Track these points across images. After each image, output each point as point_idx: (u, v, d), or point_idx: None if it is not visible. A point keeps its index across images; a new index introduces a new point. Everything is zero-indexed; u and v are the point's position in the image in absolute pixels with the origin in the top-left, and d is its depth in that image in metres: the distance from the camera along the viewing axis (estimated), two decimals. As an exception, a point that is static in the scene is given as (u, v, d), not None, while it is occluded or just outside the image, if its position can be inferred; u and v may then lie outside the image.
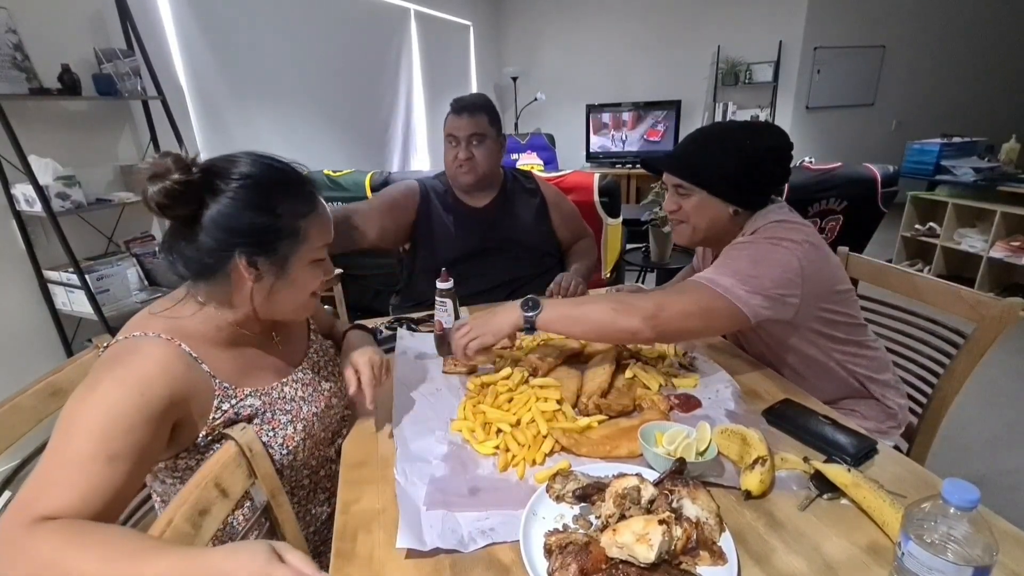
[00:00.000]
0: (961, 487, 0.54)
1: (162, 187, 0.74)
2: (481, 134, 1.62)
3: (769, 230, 1.08)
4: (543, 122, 6.28)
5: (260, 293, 0.84)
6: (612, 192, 2.75)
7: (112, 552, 0.59)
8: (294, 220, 0.82)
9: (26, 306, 2.18)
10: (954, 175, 3.66)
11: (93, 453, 0.67)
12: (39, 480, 0.66)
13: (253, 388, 0.88)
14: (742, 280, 1.01)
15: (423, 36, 4.85)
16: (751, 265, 1.03)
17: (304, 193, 0.85)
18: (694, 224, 1.18)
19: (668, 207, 1.22)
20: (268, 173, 0.83)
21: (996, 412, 2.39)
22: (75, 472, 0.66)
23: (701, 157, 1.15)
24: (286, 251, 0.83)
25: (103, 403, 0.70)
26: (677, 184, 1.17)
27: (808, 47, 5.38)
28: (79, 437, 0.68)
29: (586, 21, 6.03)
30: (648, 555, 0.61)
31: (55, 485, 0.65)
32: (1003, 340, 1.16)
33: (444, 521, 0.75)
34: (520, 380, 1.10)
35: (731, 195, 1.13)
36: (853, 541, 0.71)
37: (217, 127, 3.00)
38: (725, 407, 1.01)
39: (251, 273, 0.82)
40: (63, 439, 0.68)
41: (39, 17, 2.11)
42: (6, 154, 1.96)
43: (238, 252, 0.80)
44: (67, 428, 0.69)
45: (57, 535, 0.60)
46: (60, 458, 0.67)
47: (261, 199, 0.80)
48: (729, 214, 1.15)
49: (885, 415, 1.22)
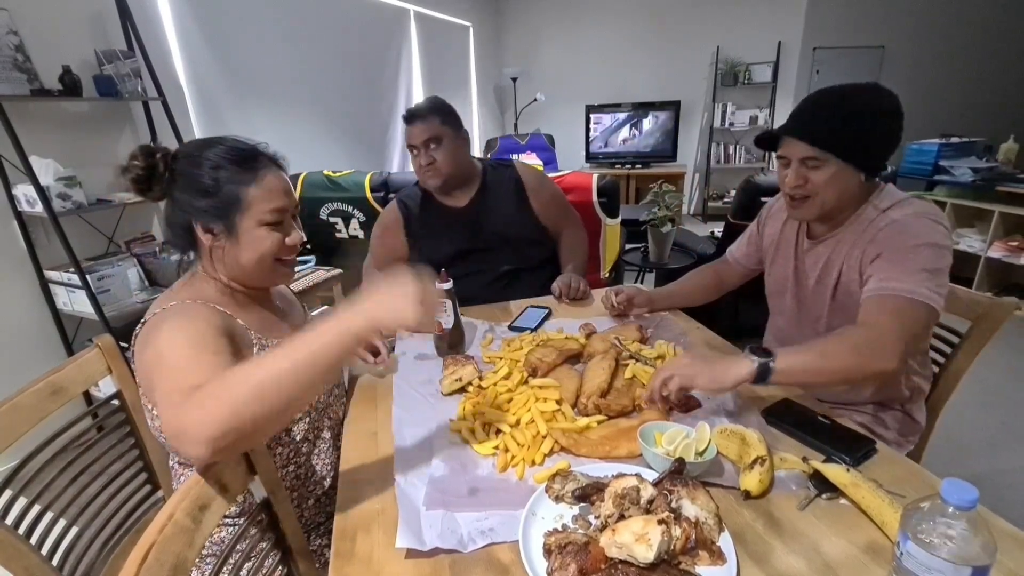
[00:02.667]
0: (960, 487, 0.54)
1: (130, 176, 0.90)
2: (436, 136, 1.63)
3: (916, 207, 1.04)
4: (543, 123, 6.28)
5: (218, 255, 0.95)
6: (611, 192, 2.75)
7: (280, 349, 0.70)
8: (235, 188, 0.92)
9: (27, 306, 2.18)
10: (952, 175, 3.66)
11: (199, 355, 0.76)
12: (172, 382, 0.72)
13: (277, 339, 0.99)
14: (929, 278, 0.97)
15: (423, 37, 4.85)
16: (934, 259, 0.98)
17: (246, 164, 0.94)
18: (823, 198, 1.09)
19: (791, 182, 1.11)
20: (217, 151, 0.93)
21: (995, 412, 2.39)
22: (200, 367, 0.74)
23: (835, 124, 1.05)
24: (233, 216, 0.92)
25: (184, 332, 0.80)
26: (806, 156, 1.07)
27: (807, 47, 5.37)
28: (178, 352, 0.76)
29: (586, 22, 6.03)
30: (647, 555, 0.61)
31: (192, 373, 0.72)
32: (1001, 339, 1.17)
33: (443, 521, 0.76)
34: (519, 380, 1.10)
35: (863, 160, 1.06)
36: (852, 541, 0.71)
37: (218, 128, 3.00)
38: (724, 407, 1.01)
39: (208, 239, 0.93)
40: (167, 362, 0.75)
41: (40, 18, 2.11)
42: (7, 155, 1.96)
43: (195, 220, 0.92)
44: (162, 359, 0.76)
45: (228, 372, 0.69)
46: (178, 367, 0.74)
47: (205, 172, 0.91)
48: (859, 182, 1.08)
49: (909, 428, 1.22)
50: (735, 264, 1.48)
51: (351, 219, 3.20)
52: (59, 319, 2.26)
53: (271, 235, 0.95)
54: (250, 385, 0.66)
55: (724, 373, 0.92)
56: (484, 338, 1.38)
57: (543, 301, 1.63)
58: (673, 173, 5.57)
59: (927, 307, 0.96)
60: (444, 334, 1.27)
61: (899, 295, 0.97)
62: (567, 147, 6.27)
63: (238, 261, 0.94)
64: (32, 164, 1.90)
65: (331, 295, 3.00)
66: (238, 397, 0.65)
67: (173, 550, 0.63)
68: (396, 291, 0.73)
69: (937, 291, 0.97)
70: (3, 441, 0.88)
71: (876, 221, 1.08)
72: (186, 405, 0.67)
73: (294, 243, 0.98)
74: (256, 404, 0.66)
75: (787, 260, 1.28)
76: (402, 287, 0.73)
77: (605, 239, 2.83)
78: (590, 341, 1.28)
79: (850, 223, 1.13)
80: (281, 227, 0.96)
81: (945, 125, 4.84)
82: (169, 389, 0.71)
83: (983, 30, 5.24)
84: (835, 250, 1.14)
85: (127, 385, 1.10)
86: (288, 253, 0.99)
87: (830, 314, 1.18)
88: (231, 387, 0.66)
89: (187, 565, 0.64)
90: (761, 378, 0.91)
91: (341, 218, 3.20)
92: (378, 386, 1.19)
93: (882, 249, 1.04)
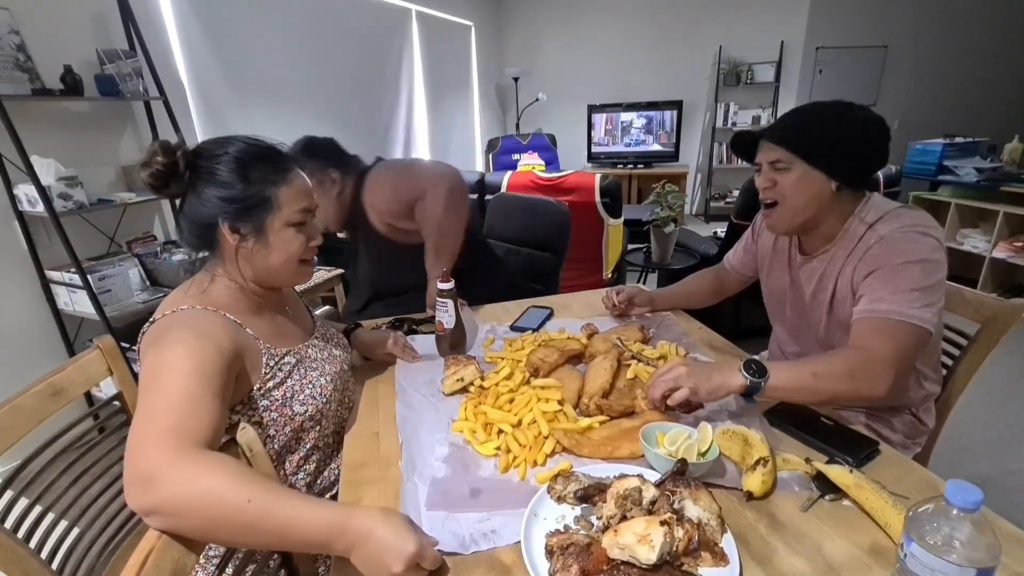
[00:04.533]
0: (964, 488, 0.54)
1: (150, 171, 0.87)
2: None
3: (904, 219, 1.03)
4: (544, 122, 6.28)
5: (245, 256, 0.93)
6: (613, 192, 2.75)
7: (276, 491, 0.66)
8: (265, 188, 0.91)
9: (28, 306, 2.18)
10: (957, 175, 3.65)
11: (202, 391, 0.74)
12: (165, 415, 0.70)
13: (287, 348, 0.99)
14: (920, 297, 0.97)
15: (424, 36, 4.85)
16: (923, 276, 0.97)
17: (276, 165, 0.94)
18: (792, 205, 1.09)
19: (761, 184, 1.12)
20: (243, 149, 0.92)
21: (999, 413, 2.38)
22: (199, 407, 0.72)
23: (803, 126, 1.08)
24: (262, 215, 0.92)
25: (190, 352, 0.77)
26: (774, 159, 1.08)
27: (810, 47, 5.37)
28: (182, 379, 0.74)
29: (588, 21, 6.03)
30: (650, 556, 0.61)
31: (191, 417, 0.71)
32: (1007, 341, 1.16)
33: (445, 523, 0.76)
34: (521, 381, 1.10)
35: (836, 167, 1.05)
36: (855, 542, 0.71)
37: (219, 127, 3.00)
38: (727, 408, 1.01)
39: (234, 238, 0.91)
40: (166, 383, 0.74)
41: (41, 18, 2.11)
42: (8, 155, 1.96)
43: (221, 219, 0.90)
44: (163, 376, 0.75)
45: (226, 466, 0.66)
46: (175, 397, 0.72)
47: (236, 171, 0.90)
48: (831, 191, 1.07)
49: (917, 431, 1.21)
50: (732, 271, 1.47)
51: (352, 219, 3.20)
52: (60, 319, 2.26)
53: (298, 236, 0.95)
54: (226, 508, 0.63)
55: (722, 384, 0.93)
56: (486, 338, 1.37)
57: (545, 301, 1.63)
58: (675, 173, 5.57)
59: (918, 328, 0.96)
60: (445, 334, 1.27)
61: (889, 318, 0.97)
62: (569, 147, 6.27)
63: (266, 262, 0.94)
64: (33, 164, 1.90)
65: (332, 295, 3.00)
66: (220, 503, 0.63)
67: (172, 556, 0.62)
68: (391, 552, 0.63)
69: (928, 308, 0.96)
70: (4, 442, 0.88)
71: (865, 237, 1.06)
72: (172, 459, 0.65)
73: (317, 244, 0.99)
74: (217, 526, 0.64)
75: (783, 272, 1.28)
76: (400, 549, 0.63)
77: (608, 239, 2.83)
78: (592, 341, 1.27)
79: (840, 238, 1.11)
80: (304, 228, 0.97)
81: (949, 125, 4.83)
82: (157, 420, 0.69)
83: (987, 30, 5.22)
84: (829, 266, 1.13)
85: (128, 386, 1.10)
86: (311, 253, 1.00)
87: (827, 328, 1.18)
88: (218, 495, 0.63)
89: (186, 571, 0.64)
90: (751, 394, 0.92)
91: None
92: (380, 386, 1.19)
93: (872, 267, 1.03)
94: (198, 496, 0.63)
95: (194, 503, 0.63)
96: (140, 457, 0.66)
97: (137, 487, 0.64)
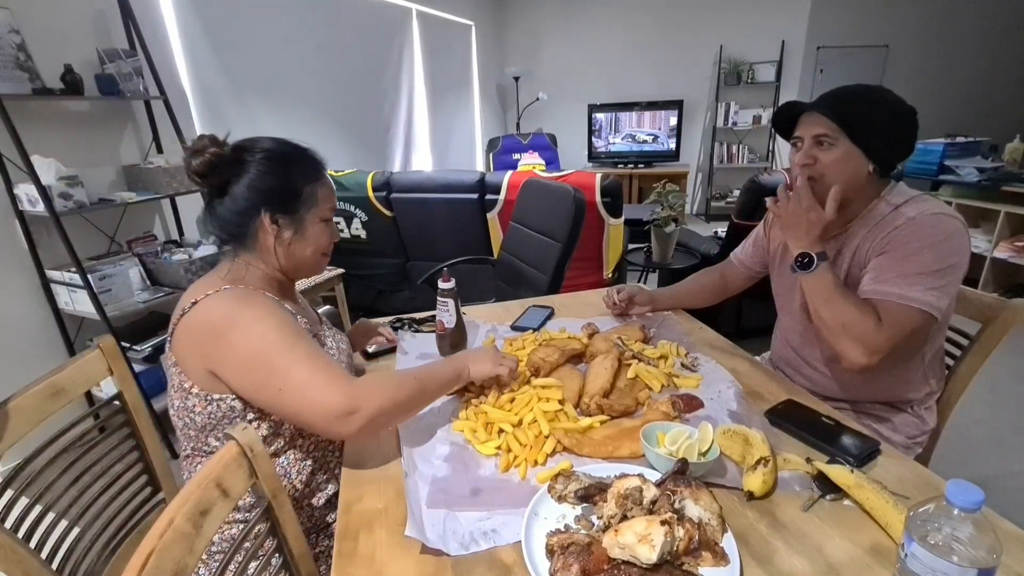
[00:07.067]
0: (965, 488, 0.54)
1: (202, 160, 0.92)
2: None
3: (931, 204, 1.04)
4: (545, 122, 6.28)
5: (281, 246, 1.00)
6: (614, 192, 2.75)
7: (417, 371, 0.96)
8: (306, 184, 0.99)
9: (28, 306, 2.18)
10: (958, 175, 3.65)
11: (305, 345, 0.87)
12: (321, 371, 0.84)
13: (312, 330, 1.05)
14: (927, 281, 0.98)
15: (425, 36, 4.85)
16: (935, 260, 0.99)
17: (313, 164, 1.03)
18: (829, 183, 1.08)
19: (801, 160, 1.11)
20: (284, 147, 1.00)
21: (1001, 413, 2.38)
22: (317, 356, 0.86)
23: (854, 102, 1.07)
24: (302, 210, 0.99)
25: (264, 326, 0.87)
26: (820, 134, 1.08)
27: (811, 47, 5.36)
28: (284, 342, 0.86)
29: (588, 21, 6.03)
30: (650, 556, 0.61)
31: (332, 364, 0.87)
32: (1008, 342, 1.16)
33: (446, 522, 0.75)
34: (522, 380, 1.10)
35: (876, 149, 1.06)
36: (856, 542, 0.71)
37: (220, 127, 2.98)
38: (727, 407, 1.01)
39: (273, 229, 0.98)
40: (291, 354, 0.85)
41: (42, 17, 2.11)
42: (9, 154, 1.96)
43: (263, 210, 0.96)
44: (267, 350, 0.85)
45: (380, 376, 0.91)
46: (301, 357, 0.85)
47: (280, 167, 0.97)
48: (866, 173, 1.08)
49: (918, 431, 1.21)
50: (739, 266, 1.47)
51: (353, 218, 3.21)
52: (60, 319, 2.26)
53: (326, 231, 1.04)
54: (408, 389, 0.90)
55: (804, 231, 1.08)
56: (486, 337, 1.37)
57: (545, 300, 1.63)
58: (676, 173, 5.57)
59: (918, 312, 0.98)
60: (446, 333, 1.27)
61: (888, 300, 1.00)
62: (569, 146, 6.27)
63: (301, 253, 1.02)
64: (34, 163, 1.89)
65: (333, 294, 3.00)
66: (400, 394, 0.89)
67: (173, 556, 0.62)
68: (480, 354, 1.05)
69: (932, 292, 0.98)
70: (4, 442, 0.87)
71: (890, 218, 1.07)
72: (353, 386, 0.84)
73: (336, 239, 1.08)
74: (407, 403, 0.91)
75: None
76: (484, 352, 1.06)
77: (608, 239, 2.83)
78: (593, 341, 1.27)
79: (860, 219, 1.12)
80: (330, 224, 1.06)
81: (950, 125, 4.83)
82: (316, 378, 0.83)
83: (988, 29, 5.22)
84: (845, 244, 1.14)
85: (128, 386, 1.10)
86: (331, 248, 1.08)
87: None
88: (398, 385, 0.90)
89: (187, 571, 0.63)
90: (807, 265, 1.07)
91: (343, 217, 3.20)
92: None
93: (890, 247, 1.04)
94: (390, 397, 0.87)
95: (390, 404, 0.87)
96: (331, 403, 0.82)
97: (342, 420, 0.82)
